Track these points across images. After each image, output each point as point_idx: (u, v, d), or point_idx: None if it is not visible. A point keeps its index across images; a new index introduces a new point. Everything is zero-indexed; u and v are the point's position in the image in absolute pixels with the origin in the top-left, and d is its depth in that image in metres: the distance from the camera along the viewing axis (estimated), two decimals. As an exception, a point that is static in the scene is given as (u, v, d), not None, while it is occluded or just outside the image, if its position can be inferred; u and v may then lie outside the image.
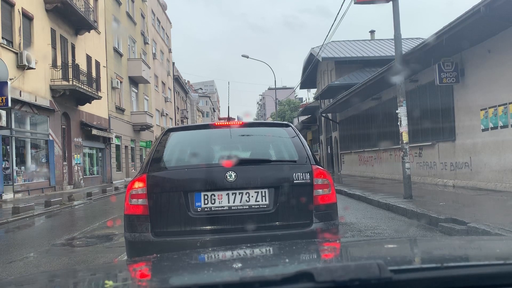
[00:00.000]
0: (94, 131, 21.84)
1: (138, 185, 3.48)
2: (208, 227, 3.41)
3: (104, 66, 24.73)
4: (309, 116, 34.59)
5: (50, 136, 18.03)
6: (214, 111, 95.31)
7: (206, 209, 3.41)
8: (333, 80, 25.21)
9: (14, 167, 15.44)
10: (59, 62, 18.95)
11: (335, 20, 13.67)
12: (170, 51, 47.45)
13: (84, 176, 22.03)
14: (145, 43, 34.98)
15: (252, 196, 3.45)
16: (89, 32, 21.62)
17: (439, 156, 12.89)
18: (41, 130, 17.64)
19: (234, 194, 3.44)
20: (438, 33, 10.27)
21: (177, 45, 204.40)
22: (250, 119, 4.33)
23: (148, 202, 3.43)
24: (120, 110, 27.49)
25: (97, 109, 23.22)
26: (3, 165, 14.75)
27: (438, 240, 2.97)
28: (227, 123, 4.06)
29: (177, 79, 49.80)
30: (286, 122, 4.29)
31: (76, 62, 20.40)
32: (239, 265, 1.47)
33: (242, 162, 3.65)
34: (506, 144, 9.74)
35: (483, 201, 8.69)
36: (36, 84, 16.64)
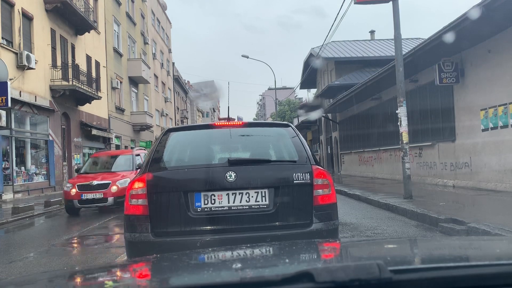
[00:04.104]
0: (94, 131, 21.84)
1: (138, 185, 3.48)
2: (208, 227, 3.41)
3: (104, 66, 24.73)
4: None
5: (50, 136, 18.03)
6: (214, 111, 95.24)
7: (206, 209, 3.41)
8: (333, 80, 25.22)
9: (14, 167, 15.44)
10: (59, 62, 18.95)
11: (335, 20, 13.68)
12: (170, 51, 47.44)
13: (84, 176, 22.00)
14: (145, 43, 34.98)
15: (252, 196, 3.45)
16: (89, 32, 21.61)
17: (439, 156, 12.89)
18: (41, 130, 17.64)
19: (234, 194, 3.44)
20: (438, 33, 10.27)
21: (175, 45, 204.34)
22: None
23: (148, 202, 3.43)
24: (120, 110, 27.49)
25: (97, 109, 23.22)
26: (3, 165, 14.74)
27: (438, 240, 2.97)
28: (227, 123, 4.07)
29: (177, 79, 49.80)
30: (286, 122, 4.29)
31: (76, 62, 20.39)
32: (239, 265, 1.47)
33: (242, 162, 3.65)
34: (506, 144, 9.74)
35: (483, 201, 8.69)
36: (36, 84, 16.64)
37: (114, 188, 10.70)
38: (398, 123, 9.68)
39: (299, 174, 3.52)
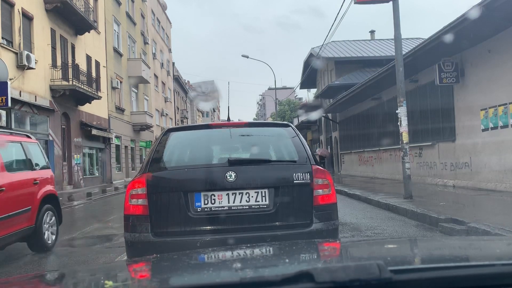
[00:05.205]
0: (94, 131, 21.83)
1: (138, 185, 3.48)
2: (208, 227, 3.41)
3: (104, 66, 24.72)
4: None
5: (50, 136, 18.02)
6: (214, 111, 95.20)
7: (206, 209, 3.41)
8: (333, 80, 25.22)
9: (14, 167, 15.42)
10: (59, 62, 18.95)
11: (335, 20, 13.68)
12: (170, 51, 47.44)
13: (84, 176, 22.02)
14: (145, 43, 34.98)
15: (252, 196, 3.44)
16: (89, 32, 21.62)
17: (439, 156, 12.88)
18: (41, 130, 17.63)
19: (234, 194, 3.43)
20: (438, 33, 10.27)
21: (175, 45, 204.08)
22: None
23: (148, 202, 3.43)
24: (120, 110, 27.49)
25: (97, 109, 23.22)
26: (3, 165, 14.70)
27: (438, 240, 2.98)
28: (227, 123, 4.07)
29: (177, 79, 49.80)
30: (286, 122, 4.29)
31: (76, 62, 20.39)
32: (239, 265, 1.47)
33: (242, 162, 3.65)
34: (506, 144, 9.74)
35: (483, 201, 8.69)
36: (36, 84, 16.64)
37: None
38: (398, 123, 9.67)
39: (299, 174, 3.51)
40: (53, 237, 6.62)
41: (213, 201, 3.42)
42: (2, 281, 1.40)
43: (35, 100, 16.43)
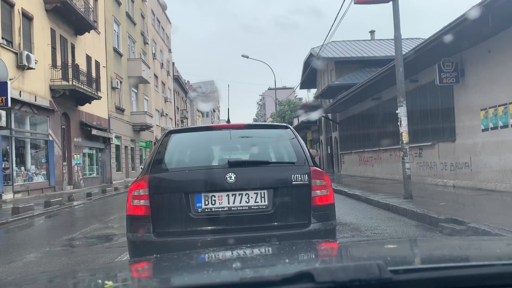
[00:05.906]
0: (94, 131, 21.84)
1: (140, 186, 3.54)
2: (209, 228, 3.46)
3: (104, 66, 24.73)
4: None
5: (50, 136, 18.03)
6: (214, 111, 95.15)
7: (206, 210, 3.45)
8: (333, 80, 25.22)
9: (14, 167, 15.44)
10: (59, 62, 18.95)
11: (335, 20, 13.69)
12: (170, 51, 47.44)
13: (84, 176, 22.03)
14: (145, 43, 34.98)
15: (252, 197, 3.48)
16: (89, 32, 21.62)
17: (439, 156, 12.89)
18: (41, 130, 17.64)
19: (234, 195, 3.47)
20: (438, 33, 10.28)
21: (175, 45, 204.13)
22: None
23: (149, 203, 3.47)
24: (120, 110, 27.49)
25: (97, 109, 23.22)
26: (3, 165, 14.74)
27: (438, 240, 2.98)
28: (227, 125, 4.12)
29: (177, 79, 49.80)
30: (285, 124, 4.35)
31: (76, 62, 20.40)
32: (239, 265, 1.47)
33: (242, 164, 3.69)
34: (506, 144, 9.74)
35: (483, 201, 8.70)
36: (36, 84, 16.65)
37: None
38: (398, 123, 9.68)
39: (297, 175, 3.56)
40: None
41: (213, 202, 3.46)
42: (3, 281, 1.41)
43: (35, 100, 16.44)
